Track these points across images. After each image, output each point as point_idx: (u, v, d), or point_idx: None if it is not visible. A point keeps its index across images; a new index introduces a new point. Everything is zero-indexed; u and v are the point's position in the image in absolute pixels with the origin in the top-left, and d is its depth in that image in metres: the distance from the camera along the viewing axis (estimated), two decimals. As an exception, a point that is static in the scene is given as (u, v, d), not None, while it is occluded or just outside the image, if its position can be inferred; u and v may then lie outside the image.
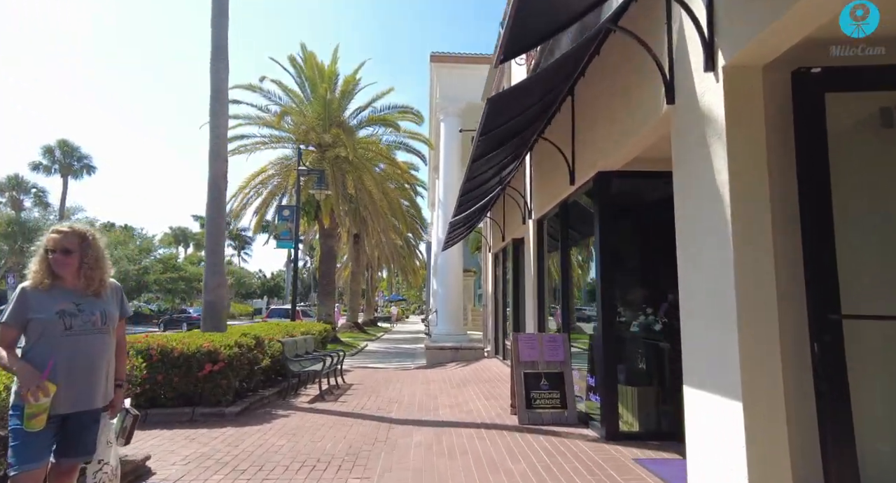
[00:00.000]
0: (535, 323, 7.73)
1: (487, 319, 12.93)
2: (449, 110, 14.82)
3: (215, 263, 7.77)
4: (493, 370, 10.36)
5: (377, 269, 34.69)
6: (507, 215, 10.35)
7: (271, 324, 11.19)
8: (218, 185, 7.96)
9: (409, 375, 10.67)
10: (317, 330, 11.31)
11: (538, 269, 7.77)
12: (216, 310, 7.67)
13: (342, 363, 9.61)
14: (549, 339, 5.86)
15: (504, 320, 11.23)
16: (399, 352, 17.19)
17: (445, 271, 14.54)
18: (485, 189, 7.70)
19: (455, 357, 13.06)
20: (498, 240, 11.69)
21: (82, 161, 29.27)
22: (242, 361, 6.58)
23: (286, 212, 14.78)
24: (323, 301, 17.91)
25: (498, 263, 12.32)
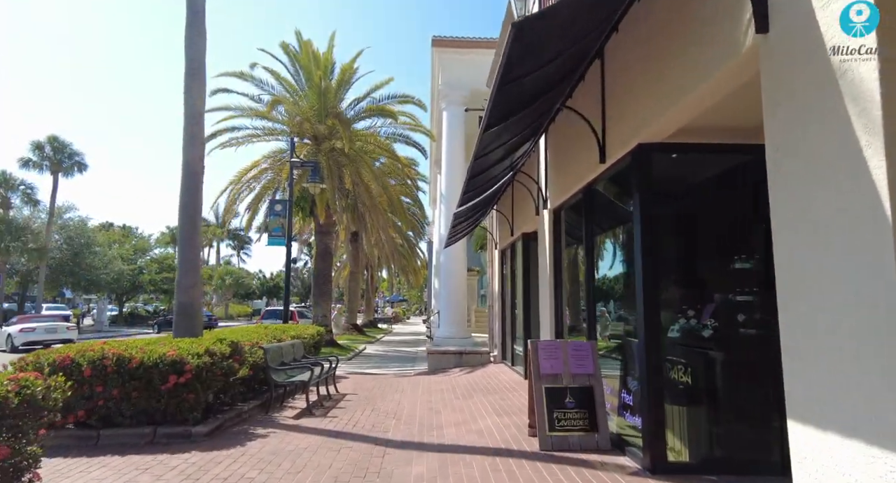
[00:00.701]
0: (551, 326, 6.81)
1: (494, 322, 12.04)
2: (452, 98, 13.91)
3: (189, 260, 6.88)
4: (501, 378, 9.43)
5: (377, 269, 33.78)
6: (517, 207, 9.43)
7: (259, 327, 10.29)
8: (193, 172, 7.06)
9: (410, 383, 9.75)
10: (308, 333, 10.40)
11: (554, 265, 6.85)
12: (190, 312, 6.77)
13: (335, 370, 8.70)
14: (575, 348, 4.93)
15: (513, 323, 10.32)
16: (399, 355, 16.27)
17: (448, 270, 13.63)
18: (494, 175, 6.79)
19: (459, 362, 12.14)
20: (506, 235, 10.77)
21: (73, 158, 28.34)
22: (214, 372, 5.66)
23: (278, 207, 13.87)
24: (319, 302, 17.00)
25: (505, 261, 11.41)
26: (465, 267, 14.11)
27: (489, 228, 12.44)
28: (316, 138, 16.25)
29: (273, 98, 14.82)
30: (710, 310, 4.40)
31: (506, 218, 9.90)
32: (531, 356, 4.92)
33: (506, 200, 10.02)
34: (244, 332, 8.68)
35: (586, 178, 5.41)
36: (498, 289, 11.77)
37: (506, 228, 10.55)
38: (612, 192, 5.12)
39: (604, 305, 5.43)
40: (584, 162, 5.37)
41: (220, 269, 53.53)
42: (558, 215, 6.88)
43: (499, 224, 11.78)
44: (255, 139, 16.74)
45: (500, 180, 7.00)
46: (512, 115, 4.08)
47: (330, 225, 17.31)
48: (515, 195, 9.46)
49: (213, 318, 30.89)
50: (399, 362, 14.18)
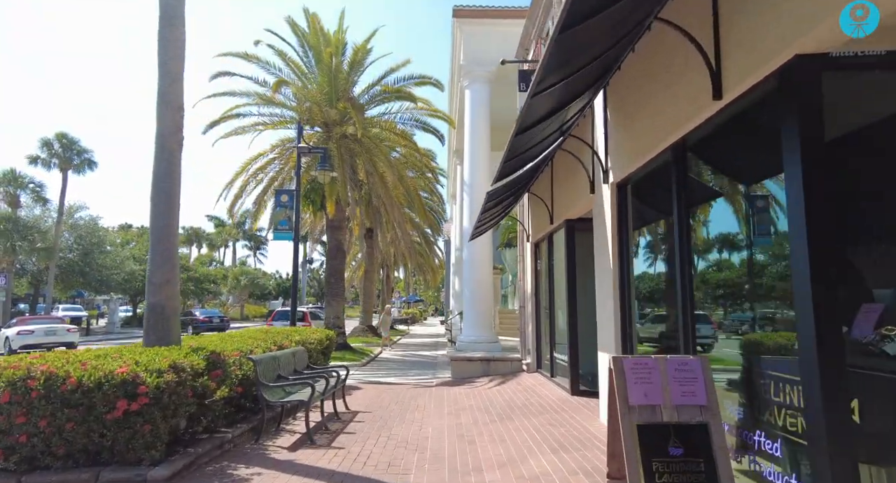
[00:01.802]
0: (615, 335, 5.32)
1: (526, 325, 10.57)
2: (476, 75, 12.47)
3: (163, 251, 5.56)
4: (541, 392, 7.95)
5: (393, 268, 32.47)
6: (559, 188, 7.94)
7: (259, 331, 8.98)
8: (168, 145, 5.75)
9: (433, 397, 8.33)
10: (316, 338, 9.05)
11: (619, 255, 5.36)
12: (163, 315, 5.45)
13: (345, 382, 7.33)
14: (679, 368, 3.43)
15: (551, 327, 8.83)
16: (418, 361, 14.87)
17: (472, 267, 12.18)
18: (539, 141, 5.33)
19: (486, 370, 10.69)
20: (542, 224, 9.28)
21: (83, 155, 27.58)
22: (182, 394, 4.31)
23: (284, 197, 12.57)
24: (331, 302, 15.70)
25: (540, 255, 9.92)
26: (490, 263, 12.66)
27: (519, 218, 10.98)
28: (326, 125, 14.95)
29: (279, 79, 13.54)
30: (877, 315, 2.90)
31: (543, 203, 8.43)
32: (614, 379, 3.44)
33: (543, 182, 8.54)
34: (239, 338, 7.37)
35: (679, 130, 3.92)
36: (531, 287, 10.30)
37: (542, 216, 9.06)
38: (730, 142, 3.62)
39: (711, 306, 3.93)
40: (678, 107, 3.88)
41: (235, 269, 52.94)
42: (624, 190, 5.39)
43: (531, 212, 10.29)
44: (261, 127, 15.53)
45: (545, 148, 5.54)
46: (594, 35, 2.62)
47: (341, 219, 16.00)
48: (557, 173, 7.98)
49: (224, 318, 29.93)
50: (418, 369, 12.79)
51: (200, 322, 28.34)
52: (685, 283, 3.99)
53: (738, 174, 3.61)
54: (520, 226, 11.11)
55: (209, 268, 45.18)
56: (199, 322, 28.33)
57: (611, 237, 5.45)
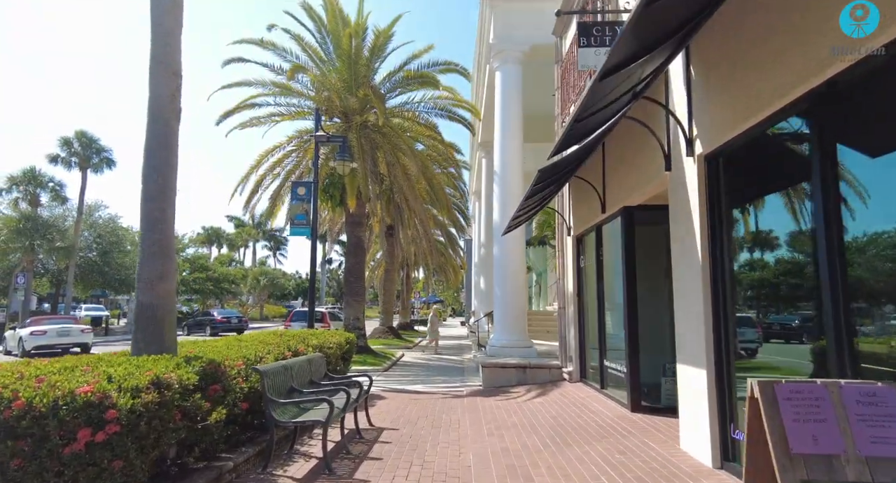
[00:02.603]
0: (706, 346, 4.23)
1: (567, 329, 9.50)
2: (507, 54, 11.42)
3: (157, 241, 4.68)
4: (593, 407, 6.87)
5: (413, 268, 31.58)
6: (616, 169, 6.86)
7: (274, 334, 8.10)
8: (162, 114, 4.88)
9: (466, 410, 7.33)
10: (335, 341, 8.14)
11: (712, 242, 4.28)
12: (156, 318, 4.56)
13: (368, 393, 6.38)
14: (862, 398, 2.35)
15: (601, 332, 7.74)
16: (443, 365, 13.90)
17: (504, 265, 11.13)
18: (608, 103, 4.29)
19: (522, 379, 9.64)
20: (587, 214, 8.20)
21: (101, 154, 27.34)
22: (165, 418, 3.39)
23: (301, 190, 11.71)
24: (350, 302, 14.82)
25: (585, 250, 8.84)
26: (523, 260, 11.59)
27: (558, 209, 9.90)
28: (345, 115, 14.08)
29: (294, 65, 12.70)
30: None
31: (593, 189, 7.34)
32: (763, 413, 2.37)
33: (593, 165, 7.46)
34: (249, 343, 6.49)
35: (821, 73, 2.85)
36: (573, 287, 9.22)
37: (589, 205, 7.99)
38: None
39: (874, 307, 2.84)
40: (820, 40, 2.80)
41: (255, 269, 52.80)
42: (715, 164, 4.31)
43: (573, 201, 9.20)
44: (277, 118, 14.75)
45: (613, 114, 4.48)
46: None
47: (361, 215, 15.11)
48: (612, 153, 6.90)
49: (243, 319, 29.41)
50: (444, 375, 11.81)
51: (218, 322, 27.84)
52: (835, 276, 2.91)
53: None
54: (558, 218, 10.02)
55: (228, 268, 44.93)
56: (216, 323, 27.84)
57: (698, 222, 4.37)
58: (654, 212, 6.57)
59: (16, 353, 16.27)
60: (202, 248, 53.25)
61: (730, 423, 3.95)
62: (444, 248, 28.12)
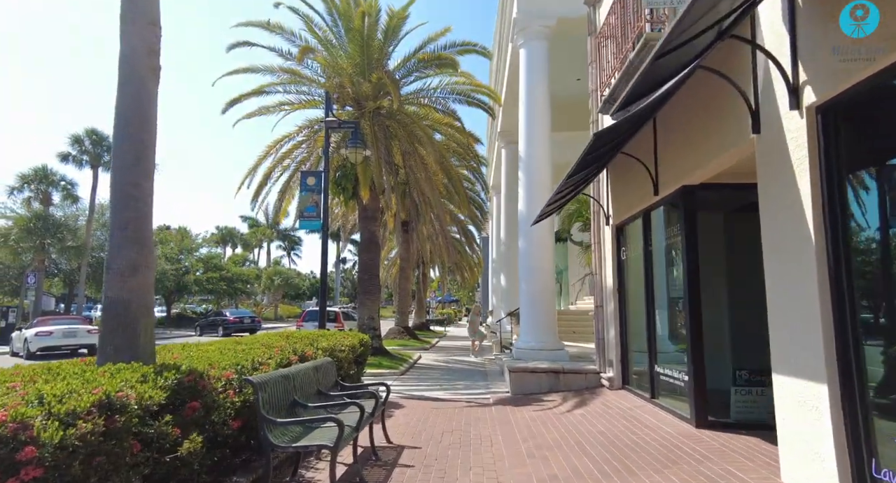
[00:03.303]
0: (823, 349, 3.24)
1: (606, 329, 8.50)
2: (532, 30, 10.46)
3: (132, 224, 3.84)
4: (646, 420, 5.88)
5: (428, 266, 30.69)
6: (677, 140, 5.84)
7: (280, 336, 7.26)
8: (137, 71, 4.05)
9: (496, 422, 6.40)
10: (347, 344, 7.28)
11: (831, 217, 3.29)
12: (127, 317, 3.71)
13: (384, 405, 5.49)
14: None
15: (650, 331, 6.75)
16: (463, 369, 12.98)
17: (531, 259, 10.15)
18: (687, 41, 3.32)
19: (555, 385, 8.67)
20: (633, 198, 7.21)
21: (113, 152, 27.03)
22: (113, 453, 2.51)
23: (311, 180, 10.89)
24: (364, 301, 13.97)
25: (628, 240, 7.84)
26: (552, 255, 10.61)
27: (593, 195, 8.90)
28: (357, 102, 13.23)
29: (303, 46, 11.88)
30: None
31: (644, 167, 6.34)
32: None
33: (641, 140, 6.46)
34: (248, 347, 5.66)
35: None
36: (612, 282, 8.23)
37: (634, 187, 7.00)
38: None
39: None
40: None
41: (269, 269, 52.48)
42: (829, 118, 3.32)
43: (612, 186, 8.20)
44: (287, 107, 13.97)
45: (693, 59, 3.51)
46: None
47: (375, 209, 14.26)
48: (670, 122, 5.89)
49: (255, 319, 28.84)
50: (466, 379, 10.88)
51: (230, 323, 27.29)
52: None
53: None
54: (593, 207, 9.02)
55: (242, 268, 44.58)
56: (229, 323, 27.30)
57: (808, 196, 3.38)
58: (720, 191, 5.59)
59: (22, 355, 15.78)
60: (216, 248, 52.98)
61: (869, 459, 2.96)
62: (461, 245, 27.19)
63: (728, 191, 5.49)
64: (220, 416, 3.67)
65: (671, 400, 6.12)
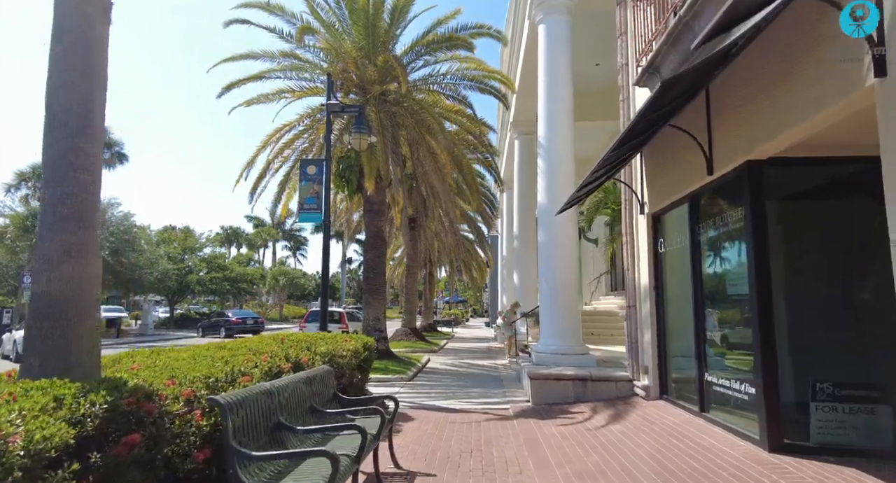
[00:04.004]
0: None
1: (640, 332, 7.58)
2: (552, 3, 9.54)
3: (69, 199, 3.00)
4: (700, 440, 4.95)
5: (436, 265, 29.81)
6: (743, 106, 4.89)
7: (273, 339, 6.37)
8: (80, 6, 3.22)
9: (522, 440, 5.50)
10: (349, 348, 6.40)
11: None
12: (61, 317, 2.86)
13: (392, 422, 4.61)
14: None
15: (698, 335, 5.81)
16: (476, 373, 12.08)
17: (552, 254, 9.22)
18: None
19: (581, 394, 7.75)
20: (676, 182, 6.27)
21: (113, 148, 26.33)
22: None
23: (311, 168, 10.03)
24: (370, 301, 13.10)
25: (668, 230, 6.92)
26: (576, 249, 9.67)
27: (625, 181, 7.97)
28: (362, 88, 12.37)
29: (302, 26, 11.03)
30: None
31: (695, 141, 5.41)
32: None
33: (688, 110, 5.53)
34: (231, 354, 4.79)
35: None
36: (648, 279, 7.31)
37: (677, 169, 6.07)
38: None
39: None
40: None
41: (274, 269, 51.84)
42: None
43: (649, 170, 7.27)
44: (287, 94, 13.14)
45: None
46: None
47: (381, 202, 13.40)
48: (731, 82, 4.95)
49: (259, 320, 28.06)
50: (479, 385, 9.97)
51: (233, 324, 26.55)
52: None
53: None
54: (624, 194, 8.08)
55: (247, 268, 43.89)
56: (231, 324, 26.56)
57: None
58: (798, 167, 4.65)
59: (12, 358, 15.05)
60: (221, 248, 52.37)
61: None
62: (469, 244, 26.29)
63: (808, 167, 4.57)
64: (181, 448, 2.81)
65: (729, 415, 5.19)
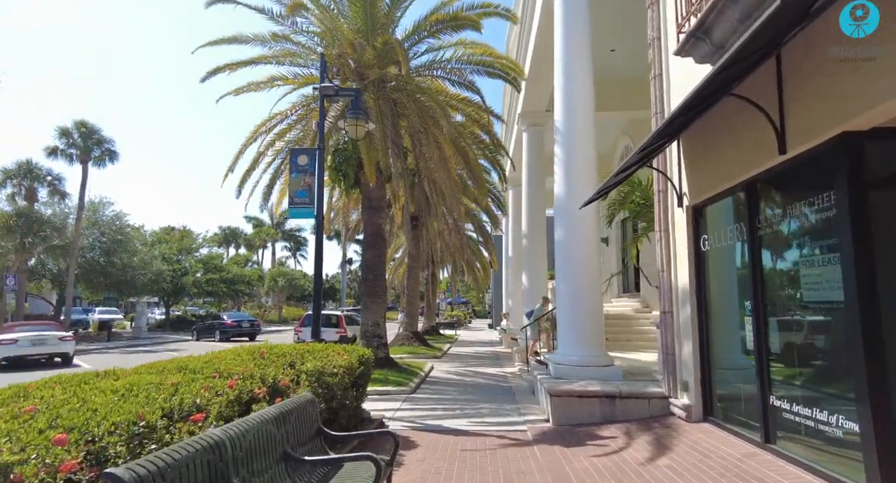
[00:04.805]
0: None
1: (677, 342, 6.56)
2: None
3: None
4: None
5: (438, 266, 28.78)
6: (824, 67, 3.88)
7: (246, 353, 5.37)
8: None
9: (550, 478, 4.49)
10: (342, 364, 5.41)
11: None
12: None
13: (392, 466, 3.61)
14: None
15: (759, 348, 4.81)
16: (484, 384, 11.09)
17: (571, 251, 8.21)
18: None
19: (610, 413, 6.75)
20: (735, 165, 5.26)
21: (103, 146, 25.27)
22: None
23: (303, 159, 9.01)
24: (368, 304, 12.10)
25: (714, 224, 5.92)
26: (597, 246, 8.66)
27: (659, 168, 6.96)
28: (360, 74, 11.38)
29: (294, 2, 10.03)
30: None
31: (759, 115, 4.42)
32: None
33: (755, 79, 4.54)
34: (191, 377, 3.83)
35: None
36: (687, 280, 6.31)
37: (732, 153, 5.08)
38: None
39: None
40: None
41: (272, 270, 50.85)
42: None
43: (690, 155, 6.27)
44: (279, 82, 12.17)
45: None
46: None
47: (381, 198, 12.40)
48: (817, 34, 3.95)
49: (255, 323, 27.05)
50: (490, 398, 8.96)
51: (228, 327, 25.56)
52: None
53: None
54: (658, 184, 7.06)
55: (244, 268, 42.90)
56: (226, 327, 25.57)
57: None
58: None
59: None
60: (219, 248, 51.38)
61: None
62: (474, 244, 25.28)
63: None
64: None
65: (810, 452, 4.18)
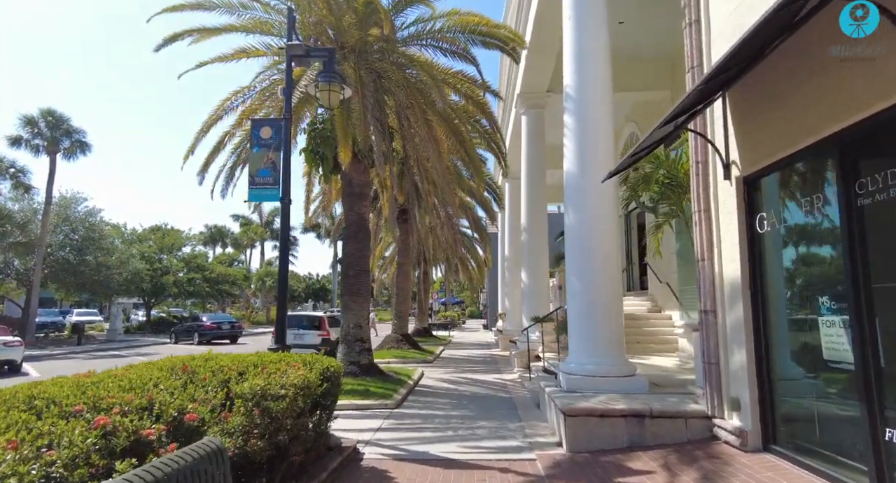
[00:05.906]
0: None
1: (724, 348, 5.23)
2: None
3: None
4: None
5: (431, 264, 27.37)
6: None
7: (156, 370, 3.98)
8: None
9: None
10: (292, 384, 4.00)
11: None
12: None
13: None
14: None
15: (863, 356, 3.51)
16: (479, 393, 9.72)
17: (586, 240, 6.86)
18: None
19: (638, 436, 5.41)
20: (810, 120, 3.93)
21: (73, 136, 23.71)
22: None
23: (266, 131, 7.59)
24: (349, 304, 10.70)
25: (778, 199, 4.61)
26: (616, 233, 7.30)
27: (699, 131, 5.64)
28: (340, 44, 9.99)
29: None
30: None
31: (888, 17, 3.15)
32: None
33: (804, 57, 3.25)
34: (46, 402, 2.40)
35: None
36: (738, 272, 4.99)
37: (803, 106, 3.78)
38: None
39: None
40: None
41: (260, 270, 49.27)
42: None
43: (737, 113, 4.96)
44: (249, 52, 10.77)
45: None
46: None
47: (364, 184, 11.02)
48: None
49: (236, 325, 25.56)
50: (487, 414, 7.57)
51: (207, 329, 24.04)
52: None
53: None
54: (695, 155, 5.72)
55: (229, 267, 41.26)
56: (205, 329, 24.05)
57: None
58: None
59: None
60: (204, 247, 49.63)
61: None
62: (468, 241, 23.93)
63: None
64: None
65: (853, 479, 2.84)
